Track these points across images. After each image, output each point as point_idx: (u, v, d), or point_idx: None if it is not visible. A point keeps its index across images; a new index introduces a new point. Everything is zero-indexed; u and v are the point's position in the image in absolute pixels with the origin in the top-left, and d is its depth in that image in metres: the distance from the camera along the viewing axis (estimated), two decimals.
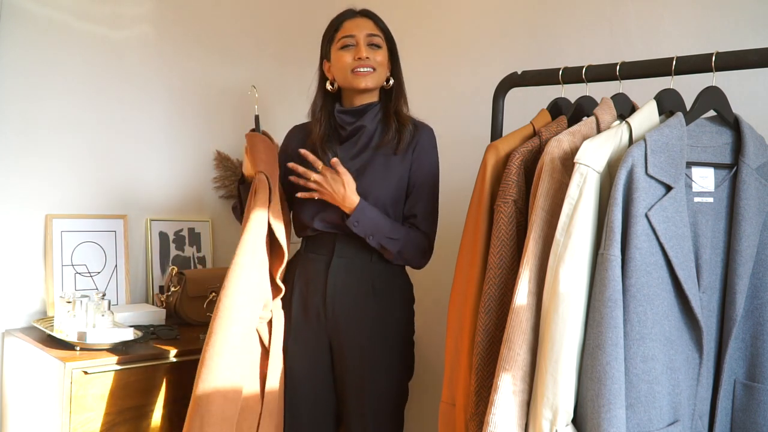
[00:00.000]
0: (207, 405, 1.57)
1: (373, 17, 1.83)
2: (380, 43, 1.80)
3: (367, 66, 1.77)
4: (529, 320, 1.26)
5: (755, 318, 1.32)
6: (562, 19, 2.06)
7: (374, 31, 1.80)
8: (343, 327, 1.75)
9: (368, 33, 1.79)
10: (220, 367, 1.59)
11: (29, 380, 1.88)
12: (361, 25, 1.79)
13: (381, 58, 1.79)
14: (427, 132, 1.83)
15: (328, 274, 1.76)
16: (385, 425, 1.76)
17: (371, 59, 1.77)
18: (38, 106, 2.09)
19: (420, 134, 1.81)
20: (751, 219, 1.29)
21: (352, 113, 1.80)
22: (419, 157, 1.80)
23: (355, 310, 1.75)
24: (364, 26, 1.80)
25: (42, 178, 2.11)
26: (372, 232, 1.71)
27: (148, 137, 2.34)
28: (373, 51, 1.78)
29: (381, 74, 1.80)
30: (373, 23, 1.81)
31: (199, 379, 1.59)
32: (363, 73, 1.77)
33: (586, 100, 1.48)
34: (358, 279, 1.76)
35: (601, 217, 1.24)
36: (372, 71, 1.77)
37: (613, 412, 1.15)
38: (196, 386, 1.59)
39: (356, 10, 1.83)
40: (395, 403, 1.79)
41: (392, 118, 1.80)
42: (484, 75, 2.17)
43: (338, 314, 1.75)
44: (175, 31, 2.38)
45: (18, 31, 2.04)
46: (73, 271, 2.13)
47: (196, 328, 2.13)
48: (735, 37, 1.67)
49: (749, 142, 1.31)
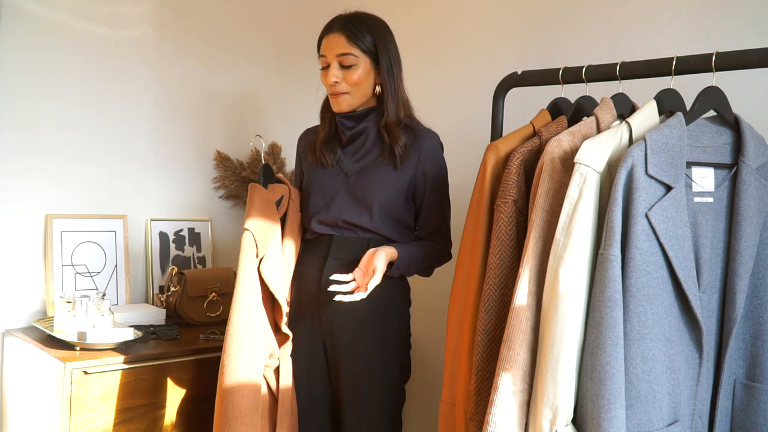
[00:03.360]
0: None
1: (347, 31, 1.71)
2: (353, 62, 1.70)
3: (337, 91, 1.72)
4: (529, 320, 1.27)
5: (755, 318, 1.32)
6: (562, 19, 2.06)
7: (345, 49, 1.70)
8: (336, 328, 1.74)
9: (338, 53, 1.70)
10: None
11: (29, 380, 1.88)
12: (332, 45, 1.71)
13: (357, 77, 1.70)
14: (429, 139, 1.76)
15: (322, 274, 1.75)
16: (383, 428, 1.75)
17: (341, 82, 1.71)
18: (38, 105, 2.09)
19: (422, 143, 1.75)
20: (751, 219, 1.29)
21: (353, 118, 1.78)
22: (424, 168, 1.75)
23: (348, 311, 1.72)
24: (335, 45, 1.71)
25: (42, 178, 2.11)
26: (407, 271, 1.76)
27: (148, 137, 2.34)
28: (346, 71, 1.71)
29: (357, 93, 1.73)
30: (345, 40, 1.70)
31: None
32: (335, 97, 1.73)
33: (586, 100, 1.48)
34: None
35: (601, 217, 1.24)
36: (344, 94, 1.72)
37: (613, 412, 1.15)
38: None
39: (334, 25, 1.73)
40: (392, 405, 1.78)
41: (384, 133, 1.74)
42: (484, 75, 2.17)
43: (332, 316, 1.74)
44: (175, 31, 2.38)
45: (18, 31, 2.04)
46: (73, 271, 2.13)
47: (196, 328, 2.13)
48: (735, 37, 1.67)
49: (749, 142, 1.31)
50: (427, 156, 1.75)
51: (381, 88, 1.75)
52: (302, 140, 1.93)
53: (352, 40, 1.70)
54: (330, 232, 1.77)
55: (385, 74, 1.73)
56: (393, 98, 1.75)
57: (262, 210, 1.73)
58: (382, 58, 1.73)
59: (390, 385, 1.77)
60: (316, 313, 1.76)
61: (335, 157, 1.80)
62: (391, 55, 1.75)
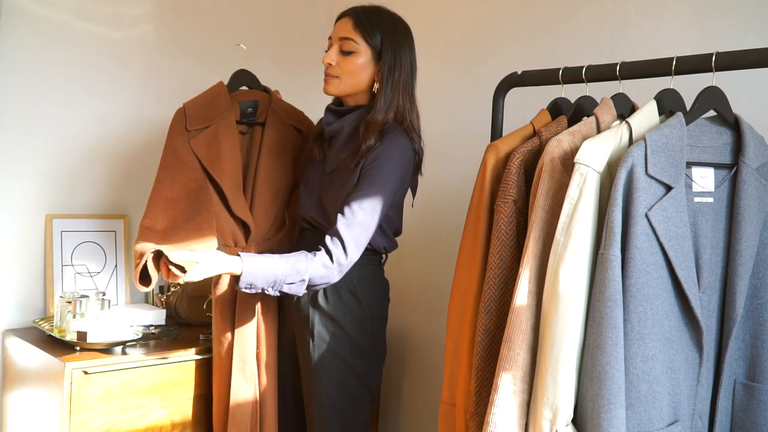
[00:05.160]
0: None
1: (357, 18, 1.67)
2: (353, 49, 1.65)
3: (329, 73, 1.67)
4: (529, 320, 1.27)
5: (755, 318, 1.32)
6: (562, 19, 2.06)
7: (349, 34, 1.66)
8: (301, 320, 1.73)
9: (341, 36, 1.66)
10: None
11: (29, 380, 1.88)
12: (339, 27, 1.68)
13: (352, 66, 1.66)
14: (389, 142, 1.63)
15: None
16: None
17: (335, 66, 1.66)
18: (38, 106, 2.09)
19: (381, 143, 1.63)
20: (751, 219, 1.29)
21: (335, 113, 1.74)
22: (368, 160, 1.62)
23: (311, 305, 1.71)
24: (341, 29, 1.67)
25: (42, 178, 2.11)
26: (271, 284, 1.55)
27: (148, 137, 2.34)
28: (343, 57, 1.67)
29: (348, 82, 1.67)
30: (352, 26, 1.66)
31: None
32: (326, 78, 1.69)
33: (586, 100, 1.48)
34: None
35: (601, 217, 1.24)
36: (335, 78, 1.67)
37: (613, 412, 1.15)
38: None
39: (349, 9, 1.70)
40: (342, 414, 1.70)
41: (360, 128, 1.66)
42: (484, 75, 2.17)
43: (301, 307, 1.73)
44: (176, 31, 2.38)
45: (18, 31, 2.04)
46: (73, 271, 2.13)
47: (196, 328, 2.13)
48: (735, 37, 1.67)
49: (749, 142, 1.31)
50: (376, 153, 1.63)
51: (378, 85, 1.68)
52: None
53: (359, 29, 1.66)
54: (305, 226, 1.79)
55: (384, 72, 1.66)
56: (386, 99, 1.66)
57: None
58: (384, 56, 1.67)
59: (344, 392, 1.70)
60: (286, 304, 1.79)
61: (323, 152, 1.78)
62: (397, 58, 1.68)
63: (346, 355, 1.70)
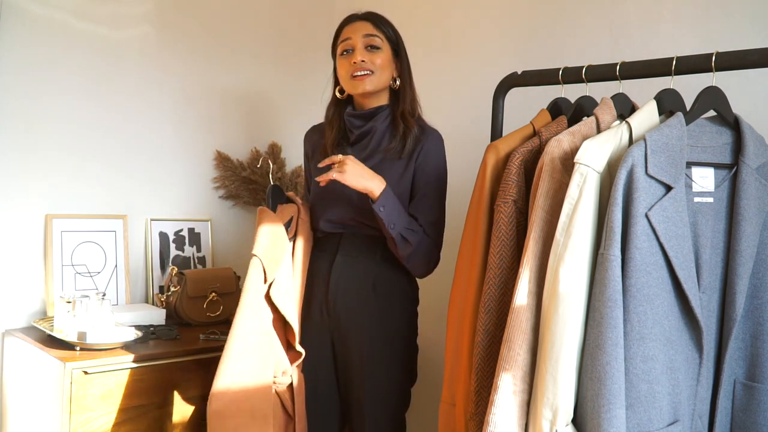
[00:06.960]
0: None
1: (374, 19, 1.77)
2: (379, 44, 1.74)
3: (364, 69, 1.72)
4: (529, 320, 1.27)
5: (755, 318, 1.32)
6: (562, 19, 2.06)
7: (372, 31, 1.75)
8: (344, 324, 1.76)
9: (365, 34, 1.74)
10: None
11: (29, 380, 1.88)
12: (358, 29, 1.75)
13: (381, 61, 1.74)
14: (434, 138, 1.77)
15: (331, 271, 1.77)
16: (385, 428, 1.75)
17: (368, 62, 1.72)
18: (38, 105, 2.09)
19: (426, 140, 1.75)
20: (751, 219, 1.29)
21: (362, 117, 1.79)
22: (423, 164, 1.74)
23: (356, 308, 1.75)
24: (362, 28, 1.75)
25: (42, 178, 2.11)
26: (395, 221, 1.65)
27: (148, 137, 2.34)
28: (371, 53, 1.74)
29: (381, 77, 1.75)
30: (372, 25, 1.76)
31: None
32: (360, 77, 1.73)
33: (586, 100, 1.48)
34: (360, 278, 1.76)
35: (601, 217, 1.24)
36: (369, 74, 1.73)
37: (613, 412, 1.15)
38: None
39: (358, 14, 1.79)
40: (395, 407, 1.78)
41: (399, 121, 1.76)
42: (484, 75, 2.17)
43: (339, 311, 1.76)
44: (176, 31, 2.38)
45: (18, 31, 2.04)
46: (73, 271, 2.13)
47: (196, 328, 2.13)
48: (735, 37, 1.67)
49: (749, 142, 1.31)
50: (429, 151, 1.75)
51: (400, 80, 1.79)
52: (308, 138, 1.94)
53: (378, 26, 1.77)
54: (339, 230, 1.79)
55: (405, 67, 1.80)
56: (410, 91, 1.80)
57: (270, 234, 1.73)
58: (401, 52, 1.80)
59: (395, 387, 1.77)
60: (324, 309, 1.78)
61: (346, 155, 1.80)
62: (405, 55, 1.82)
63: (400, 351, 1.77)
